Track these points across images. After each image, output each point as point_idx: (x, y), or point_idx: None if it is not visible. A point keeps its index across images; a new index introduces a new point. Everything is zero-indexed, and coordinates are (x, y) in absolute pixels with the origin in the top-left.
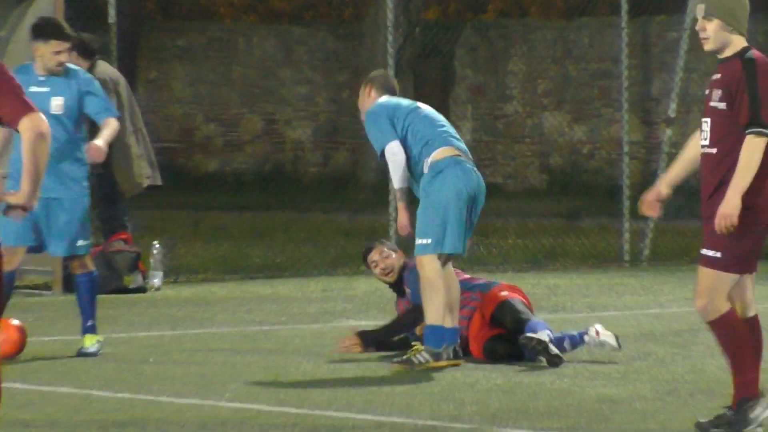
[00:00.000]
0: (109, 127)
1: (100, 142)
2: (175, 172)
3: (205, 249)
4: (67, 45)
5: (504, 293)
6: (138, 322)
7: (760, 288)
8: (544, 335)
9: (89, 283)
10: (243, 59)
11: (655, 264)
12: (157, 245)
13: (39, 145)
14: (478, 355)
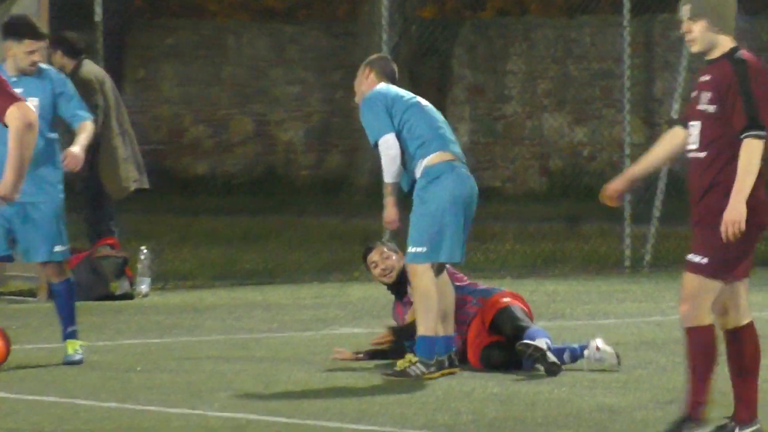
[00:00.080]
0: (85, 131)
1: (77, 149)
2: (163, 174)
3: (194, 254)
4: (41, 44)
5: (506, 299)
6: (125, 330)
7: (757, 294)
8: (542, 343)
9: (67, 291)
10: (233, 58)
11: (656, 270)
12: (145, 250)
13: (26, 134)
14: (474, 363)
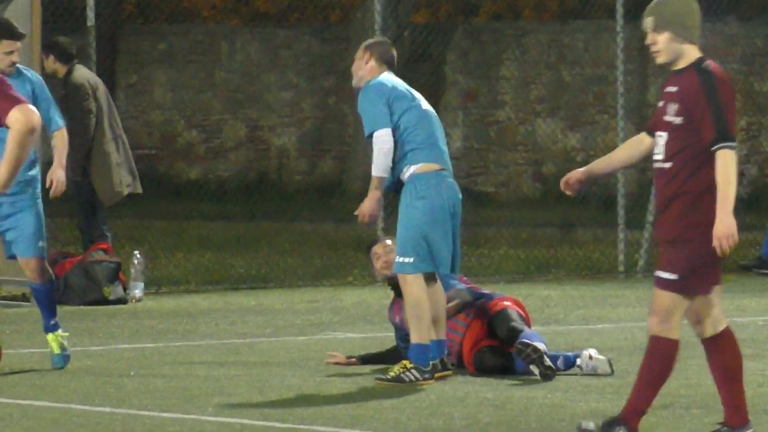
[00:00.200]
0: (61, 141)
1: (59, 172)
2: (155, 179)
3: (187, 259)
4: (19, 45)
5: (506, 303)
6: (118, 335)
7: (750, 299)
8: (540, 345)
9: (51, 291)
10: (226, 63)
11: (650, 275)
12: (138, 255)
13: (27, 138)
14: (468, 365)
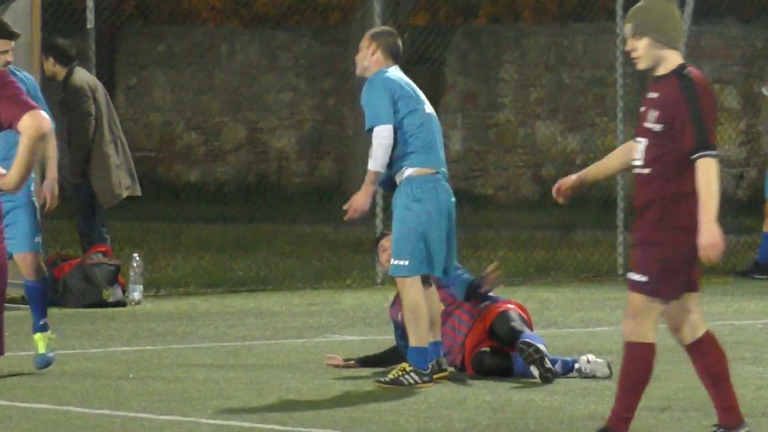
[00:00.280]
0: (52, 149)
1: (54, 186)
2: (155, 182)
3: (186, 262)
4: (12, 44)
5: (510, 306)
6: (117, 337)
7: (750, 302)
8: (541, 347)
9: (44, 289)
10: (225, 65)
11: None
12: (137, 258)
13: (39, 144)
14: (468, 366)
